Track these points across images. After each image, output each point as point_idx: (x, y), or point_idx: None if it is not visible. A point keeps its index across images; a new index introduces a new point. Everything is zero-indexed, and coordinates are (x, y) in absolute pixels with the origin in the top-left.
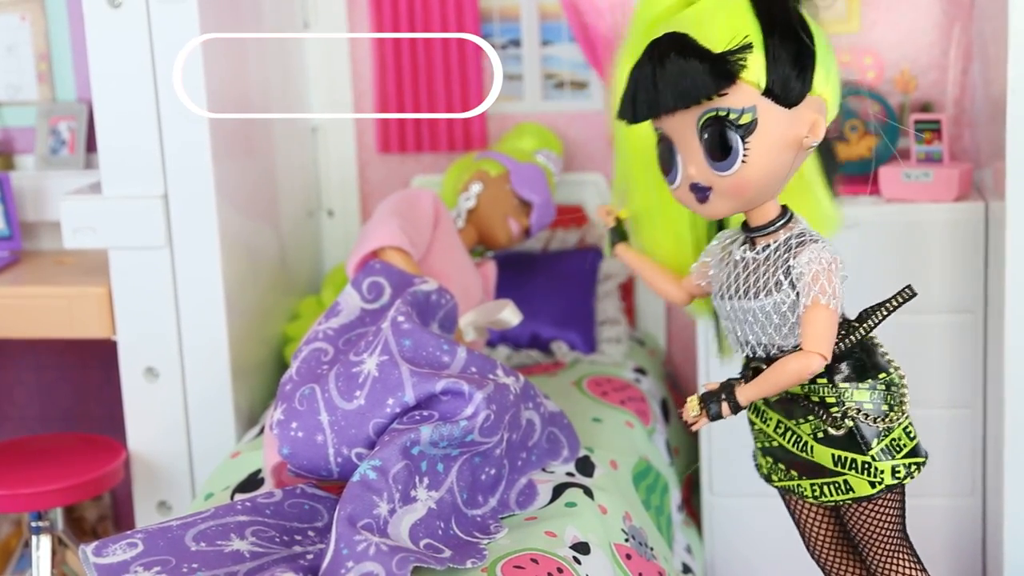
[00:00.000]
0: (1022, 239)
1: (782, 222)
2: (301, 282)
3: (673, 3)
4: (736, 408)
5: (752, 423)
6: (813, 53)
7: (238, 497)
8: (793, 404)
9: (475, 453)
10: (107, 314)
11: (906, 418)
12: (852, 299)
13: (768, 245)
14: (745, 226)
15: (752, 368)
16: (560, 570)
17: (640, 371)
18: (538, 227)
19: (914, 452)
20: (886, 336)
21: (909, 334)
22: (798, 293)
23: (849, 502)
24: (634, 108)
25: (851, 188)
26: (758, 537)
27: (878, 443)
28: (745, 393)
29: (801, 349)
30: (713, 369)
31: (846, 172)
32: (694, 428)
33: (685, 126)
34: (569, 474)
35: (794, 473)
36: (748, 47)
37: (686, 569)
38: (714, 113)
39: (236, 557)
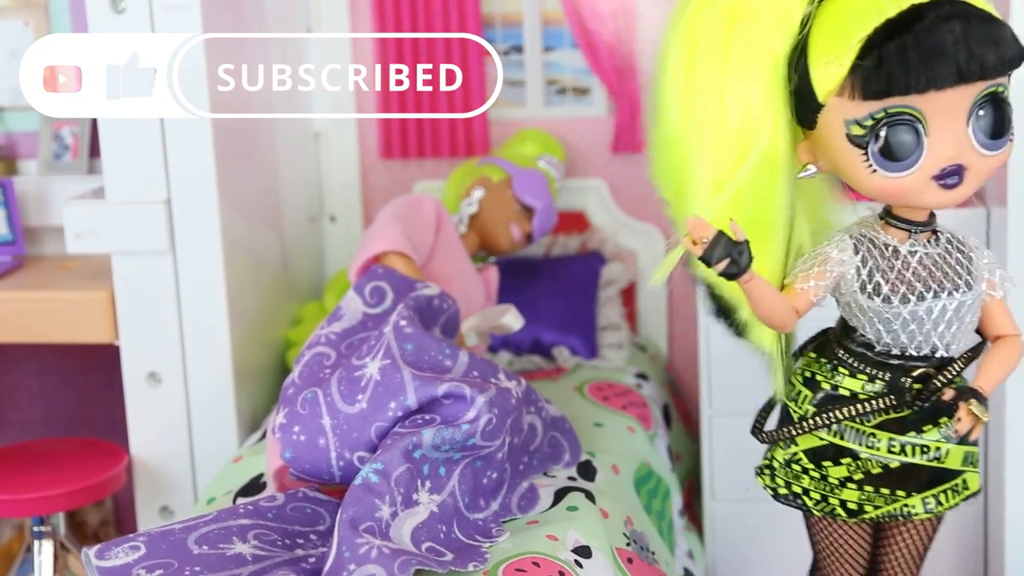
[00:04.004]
0: None
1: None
2: (303, 287)
3: None
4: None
5: (837, 460)
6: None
7: (240, 501)
8: (925, 412)
9: (477, 457)
10: (110, 319)
11: None
12: None
13: (939, 237)
14: (904, 220)
15: (915, 376)
16: (562, 574)
17: (642, 376)
18: (540, 233)
19: None
20: None
21: None
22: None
23: (956, 505)
24: (922, 75)
25: (852, 193)
26: (759, 543)
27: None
28: (987, 388)
29: (995, 338)
30: (715, 374)
31: None
32: (974, 435)
33: (956, 103)
34: (571, 478)
35: (901, 493)
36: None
37: (687, 574)
38: (995, 88)
39: (238, 560)
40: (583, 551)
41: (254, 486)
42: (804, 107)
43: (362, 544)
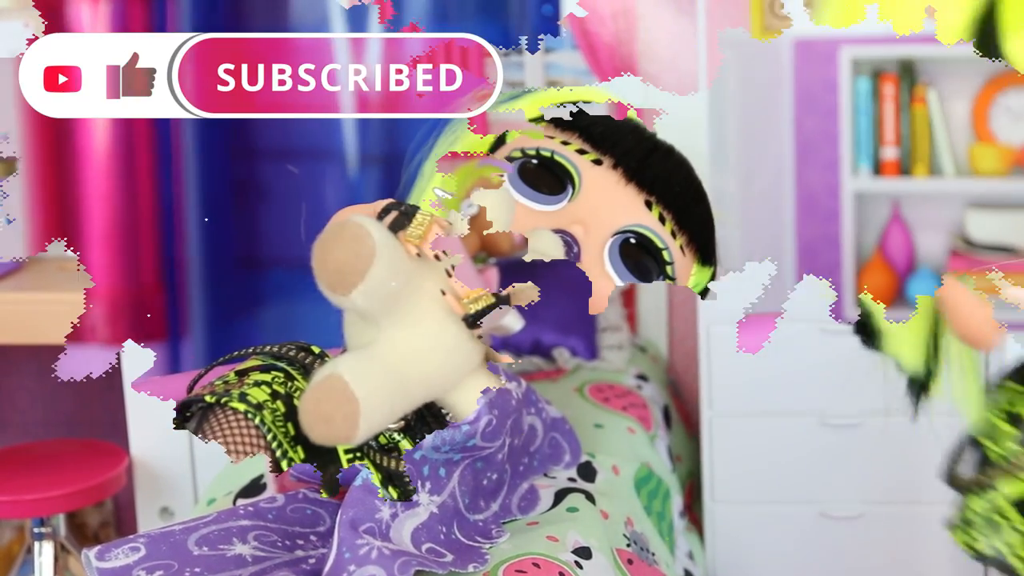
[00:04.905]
0: None
1: None
2: None
3: None
4: None
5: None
6: None
7: (240, 502)
8: None
9: (477, 458)
10: None
11: None
12: None
13: None
14: None
15: None
16: (562, 575)
17: (642, 377)
18: None
19: None
20: None
21: None
22: None
23: None
24: None
25: None
26: (759, 544)
27: None
28: None
29: None
30: (715, 376)
31: None
32: None
33: None
34: (571, 479)
35: None
36: None
37: (688, 575)
38: None
39: (239, 561)
40: (583, 552)
41: (254, 487)
42: None
43: (362, 545)
